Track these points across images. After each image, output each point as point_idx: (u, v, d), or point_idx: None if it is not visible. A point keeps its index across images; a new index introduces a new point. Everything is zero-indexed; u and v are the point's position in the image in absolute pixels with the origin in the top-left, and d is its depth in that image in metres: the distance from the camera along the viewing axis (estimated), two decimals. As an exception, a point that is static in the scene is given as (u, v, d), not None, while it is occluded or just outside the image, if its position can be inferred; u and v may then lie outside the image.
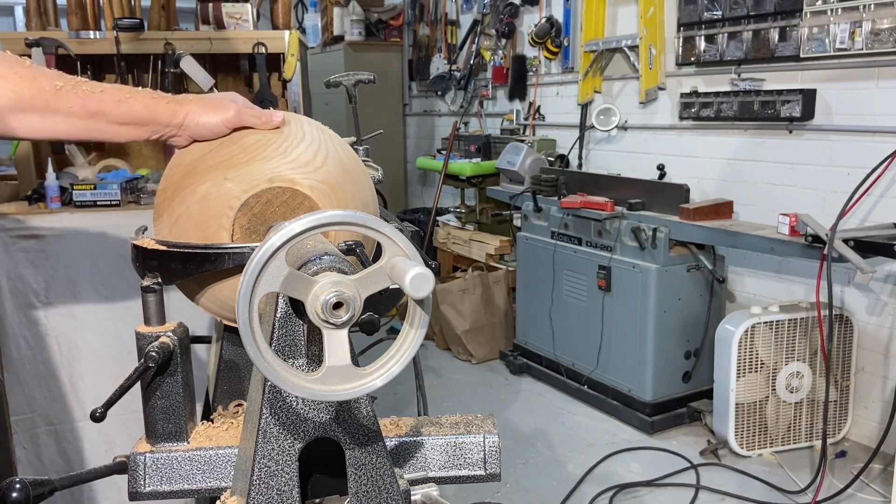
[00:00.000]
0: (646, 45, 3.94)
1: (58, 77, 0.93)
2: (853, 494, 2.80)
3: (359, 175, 0.98)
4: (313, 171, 0.92)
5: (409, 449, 0.90)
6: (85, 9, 2.62)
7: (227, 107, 0.95)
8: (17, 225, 2.23)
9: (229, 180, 0.90)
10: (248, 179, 0.90)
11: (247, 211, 0.90)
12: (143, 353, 0.83)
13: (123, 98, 0.94)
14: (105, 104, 0.93)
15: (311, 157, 0.92)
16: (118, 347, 2.29)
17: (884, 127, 3.03)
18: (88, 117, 0.93)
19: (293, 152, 0.92)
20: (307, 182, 0.91)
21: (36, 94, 0.91)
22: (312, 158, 0.92)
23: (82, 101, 0.92)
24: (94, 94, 0.93)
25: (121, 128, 0.95)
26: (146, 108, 0.95)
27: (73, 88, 0.93)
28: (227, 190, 0.90)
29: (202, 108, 0.95)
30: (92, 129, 0.94)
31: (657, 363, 3.44)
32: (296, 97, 2.82)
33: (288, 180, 0.90)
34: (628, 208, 3.60)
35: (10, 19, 7.39)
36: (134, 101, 0.95)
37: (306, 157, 0.92)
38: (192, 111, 0.95)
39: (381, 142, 5.35)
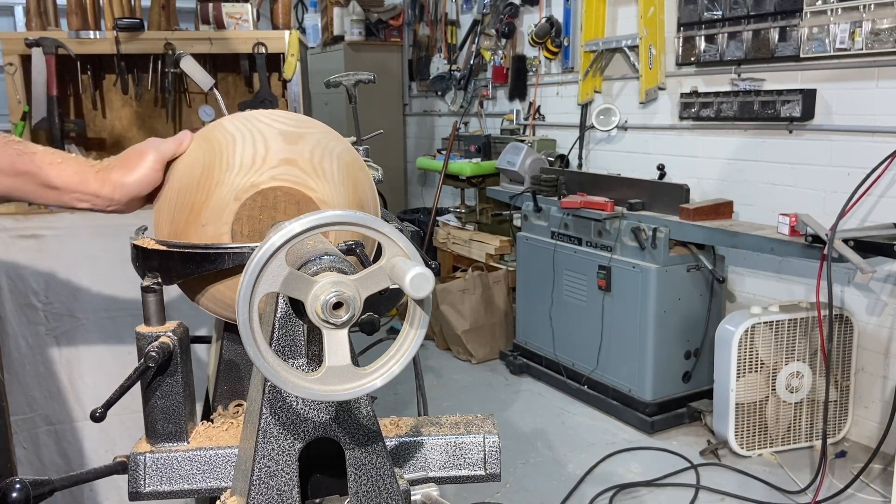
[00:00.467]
0: (646, 45, 3.94)
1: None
2: (853, 494, 2.80)
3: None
4: (262, 164, 0.91)
5: (409, 449, 0.90)
6: (85, 9, 2.62)
7: (144, 153, 0.93)
8: (17, 225, 2.23)
9: (206, 225, 0.90)
10: (219, 213, 0.89)
11: (240, 230, 0.90)
12: (143, 353, 0.83)
13: (55, 162, 0.93)
14: (37, 165, 0.92)
15: (252, 153, 0.91)
16: (118, 347, 2.29)
17: (884, 127, 3.03)
18: (15, 175, 0.91)
19: (235, 160, 0.91)
20: (265, 178, 0.90)
21: None
22: (254, 153, 0.91)
23: (12, 159, 0.91)
24: (26, 154, 0.92)
25: (48, 191, 0.93)
26: (77, 174, 0.93)
27: (5, 146, 0.92)
28: (212, 233, 0.90)
29: (125, 169, 0.94)
30: (18, 189, 0.93)
31: (657, 363, 3.44)
32: (296, 97, 2.82)
33: (249, 187, 0.89)
34: (628, 208, 3.60)
35: (10, 19, 7.39)
36: (65, 165, 0.93)
37: (247, 155, 0.91)
38: (117, 176, 0.93)
39: (381, 142, 5.35)
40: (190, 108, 2.96)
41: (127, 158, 0.95)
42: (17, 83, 2.56)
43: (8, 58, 2.55)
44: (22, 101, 2.60)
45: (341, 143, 0.98)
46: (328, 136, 0.97)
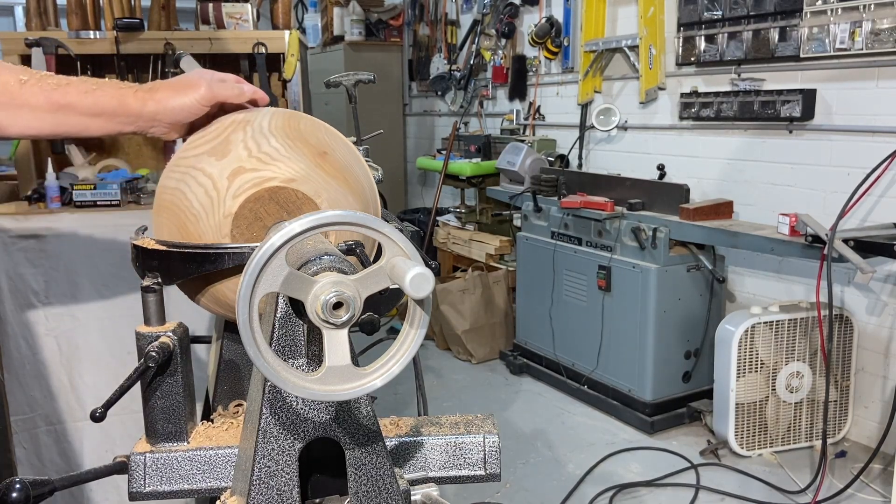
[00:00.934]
0: (646, 45, 3.94)
1: (22, 72, 0.91)
2: (853, 494, 2.80)
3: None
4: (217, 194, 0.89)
5: (409, 449, 0.90)
6: (85, 9, 2.62)
7: (197, 84, 0.92)
8: (17, 225, 2.23)
9: None
10: None
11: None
12: (143, 353, 0.83)
13: (90, 89, 0.91)
14: (72, 96, 0.90)
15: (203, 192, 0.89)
16: (118, 347, 2.29)
17: (884, 127, 3.03)
18: (56, 110, 0.90)
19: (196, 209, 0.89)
20: (230, 203, 0.88)
21: (1, 90, 0.89)
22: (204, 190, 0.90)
23: (48, 94, 0.90)
24: (61, 87, 0.91)
25: (91, 120, 0.92)
26: (114, 98, 0.92)
27: (39, 82, 0.90)
28: None
29: (172, 91, 0.92)
30: (61, 123, 0.92)
31: (657, 363, 3.44)
32: (296, 97, 2.82)
33: (223, 219, 0.88)
34: (628, 208, 3.60)
35: (10, 19, 7.40)
36: (101, 92, 0.92)
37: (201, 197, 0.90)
38: (163, 97, 0.92)
39: (381, 142, 5.36)
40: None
41: (177, 82, 0.94)
42: (17, 83, 2.56)
43: (8, 58, 2.55)
44: (22, 101, 2.59)
45: (264, 113, 0.95)
46: (248, 117, 0.94)
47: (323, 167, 0.91)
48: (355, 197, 0.93)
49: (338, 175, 0.92)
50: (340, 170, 0.93)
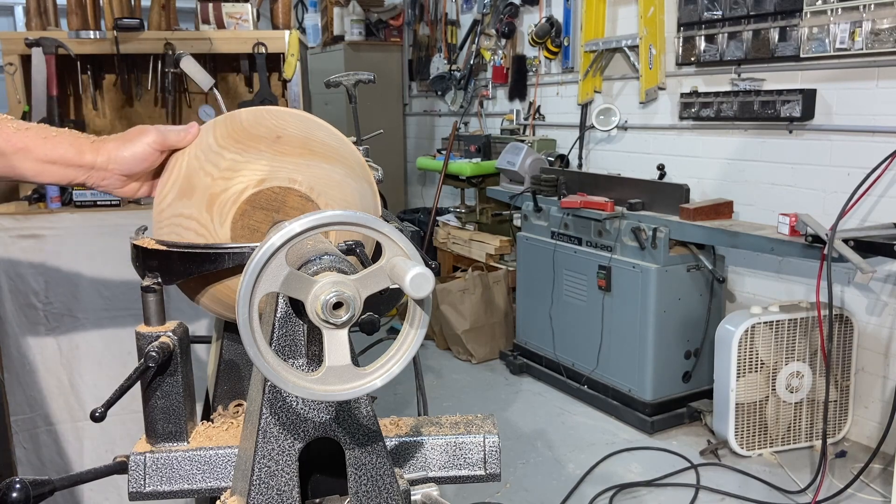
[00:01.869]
0: (646, 45, 3.94)
1: None
2: (853, 494, 2.80)
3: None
4: None
5: (409, 449, 0.90)
6: (85, 9, 2.62)
7: (146, 132, 0.93)
8: (17, 225, 2.23)
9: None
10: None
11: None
12: (143, 353, 0.83)
13: (49, 136, 0.92)
14: (31, 140, 0.91)
15: None
16: (118, 347, 2.29)
17: (884, 127, 3.03)
18: (13, 153, 0.91)
19: None
20: None
21: None
22: None
23: (7, 136, 0.91)
24: (21, 131, 0.91)
25: (44, 166, 0.92)
26: (72, 146, 0.92)
27: (0, 124, 0.91)
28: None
29: (122, 141, 0.93)
30: (15, 167, 0.92)
31: (657, 363, 3.44)
32: (296, 97, 2.82)
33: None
34: (628, 208, 3.60)
35: (10, 19, 7.40)
36: (60, 139, 0.92)
37: None
38: (113, 147, 0.93)
39: (381, 142, 5.36)
40: (190, 108, 2.96)
41: (127, 133, 0.94)
42: (17, 83, 2.56)
43: (8, 58, 2.55)
44: (22, 101, 2.60)
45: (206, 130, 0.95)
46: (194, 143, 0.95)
47: (284, 151, 0.91)
48: (330, 162, 0.93)
49: (302, 150, 0.92)
50: (303, 143, 0.92)
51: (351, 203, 0.93)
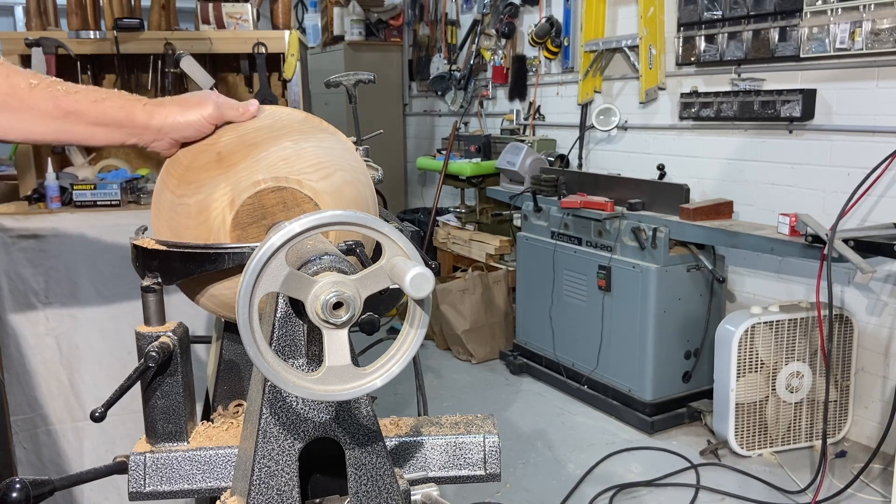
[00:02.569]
0: (646, 45, 3.94)
1: (32, 76, 0.90)
2: (853, 494, 2.80)
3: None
4: None
5: (409, 449, 0.90)
6: (85, 9, 2.62)
7: (205, 103, 0.93)
8: (17, 225, 2.23)
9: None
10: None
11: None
12: (143, 353, 0.83)
13: (100, 98, 0.92)
14: (80, 104, 0.90)
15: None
16: (118, 347, 2.29)
17: (884, 127, 3.03)
18: (63, 117, 0.90)
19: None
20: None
21: (10, 91, 0.88)
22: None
23: (57, 100, 0.90)
24: (70, 94, 0.91)
25: (96, 129, 0.92)
26: (122, 109, 0.92)
27: (49, 87, 0.90)
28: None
29: (180, 107, 0.93)
30: (66, 131, 0.91)
31: (657, 363, 3.44)
32: (296, 97, 2.82)
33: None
34: (628, 208, 3.60)
35: (10, 19, 7.39)
36: (110, 101, 0.92)
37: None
38: (170, 112, 0.92)
39: (381, 142, 5.36)
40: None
41: (185, 100, 0.94)
42: (17, 83, 2.56)
43: (8, 58, 2.55)
44: (22, 101, 2.59)
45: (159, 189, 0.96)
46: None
47: (232, 162, 0.91)
48: (275, 142, 0.92)
49: (245, 150, 0.91)
50: (242, 144, 0.92)
51: (322, 161, 0.92)
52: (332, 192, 0.91)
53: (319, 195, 0.90)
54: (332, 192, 0.91)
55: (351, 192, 0.94)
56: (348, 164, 0.95)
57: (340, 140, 0.98)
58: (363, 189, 0.97)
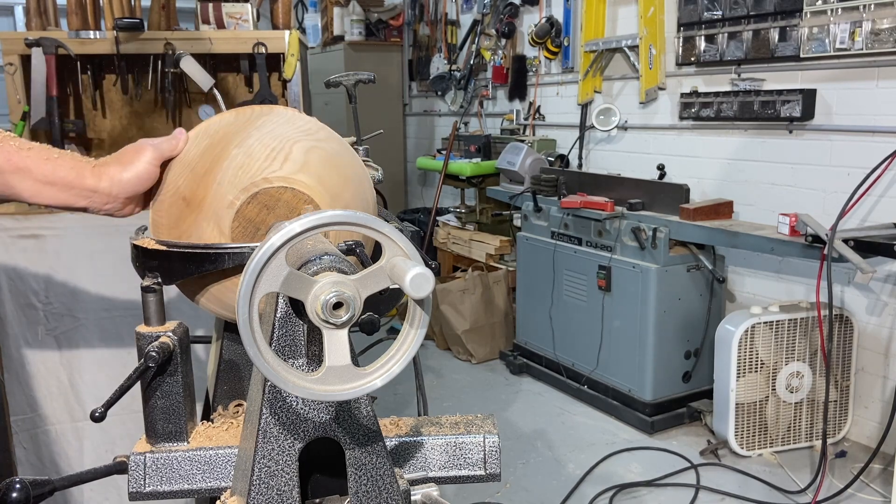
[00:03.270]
0: (646, 45, 3.94)
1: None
2: (853, 494, 2.80)
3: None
4: None
5: (409, 449, 0.90)
6: (85, 9, 2.62)
7: (142, 150, 0.92)
8: (17, 225, 2.23)
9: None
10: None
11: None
12: (143, 353, 0.83)
13: (51, 157, 0.91)
14: (31, 160, 0.90)
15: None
16: (118, 347, 2.29)
17: (884, 127, 3.03)
18: (12, 172, 0.90)
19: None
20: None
21: None
22: None
23: (8, 155, 0.90)
24: (23, 150, 0.90)
25: (44, 188, 0.91)
26: (73, 169, 0.91)
27: (2, 141, 0.90)
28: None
29: (123, 165, 0.92)
30: (14, 186, 0.91)
31: (657, 363, 3.44)
32: (296, 97, 2.82)
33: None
34: (628, 208, 3.60)
35: (10, 19, 7.40)
36: (62, 161, 0.91)
37: None
38: (115, 172, 0.91)
39: (381, 142, 5.36)
40: (190, 108, 2.96)
41: (123, 154, 0.93)
42: (17, 83, 2.56)
43: (8, 58, 2.55)
44: (22, 101, 2.60)
45: None
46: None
47: (202, 201, 0.90)
48: (226, 158, 0.90)
49: (204, 182, 0.91)
50: (198, 180, 0.91)
51: (274, 147, 0.91)
52: (301, 169, 0.90)
53: (291, 179, 0.89)
54: (301, 169, 0.90)
55: (316, 156, 0.92)
56: (299, 132, 0.93)
57: (280, 114, 0.95)
58: (328, 145, 0.95)
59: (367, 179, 1.01)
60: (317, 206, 0.91)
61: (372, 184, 1.03)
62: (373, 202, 1.01)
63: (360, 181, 0.98)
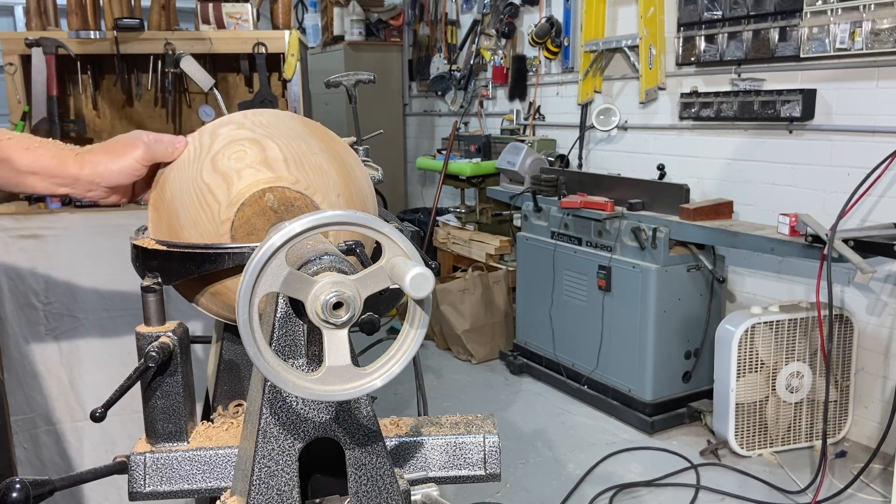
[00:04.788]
0: (646, 45, 3.94)
1: None
2: (853, 494, 2.80)
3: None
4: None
5: (409, 449, 0.90)
6: (85, 9, 2.62)
7: (133, 145, 0.91)
8: (17, 225, 2.23)
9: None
10: None
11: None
12: (143, 353, 0.83)
13: (32, 146, 0.91)
14: (12, 150, 0.90)
15: None
16: (118, 347, 2.29)
17: (884, 127, 3.03)
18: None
19: None
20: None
21: None
22: None
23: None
24: (2, 141, 0.90)
25: (26, 177, 0.91)
26: (54, 158, 0.91)
27: None
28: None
29: (110, 155, 0.91)
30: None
31: (657, 363, 3.44)
32: (296, 97, 2.82)
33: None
34: (628, 208, 3.60)
35: (10, 19, 7.39)
36: (42, 150, 0.91)
37: None
38: (100, 160, 0.91)
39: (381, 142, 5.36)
40: (190, 108, 2.96)
41: (113, 145, 0.93)
42: (17, 83, 2.56)
43: (8, 58, 2.55)
44: (22, 101, 2.60)
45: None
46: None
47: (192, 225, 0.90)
48: None
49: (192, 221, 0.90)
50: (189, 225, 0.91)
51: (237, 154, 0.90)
52: (262, 159, 0.88)
53: (258, 182, 0.88)
54: (262, 159, 0.88)
55: (275, 149, 0.90)
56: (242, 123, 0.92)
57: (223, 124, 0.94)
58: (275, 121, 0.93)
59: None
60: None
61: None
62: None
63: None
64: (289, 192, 0.89)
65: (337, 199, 0.92)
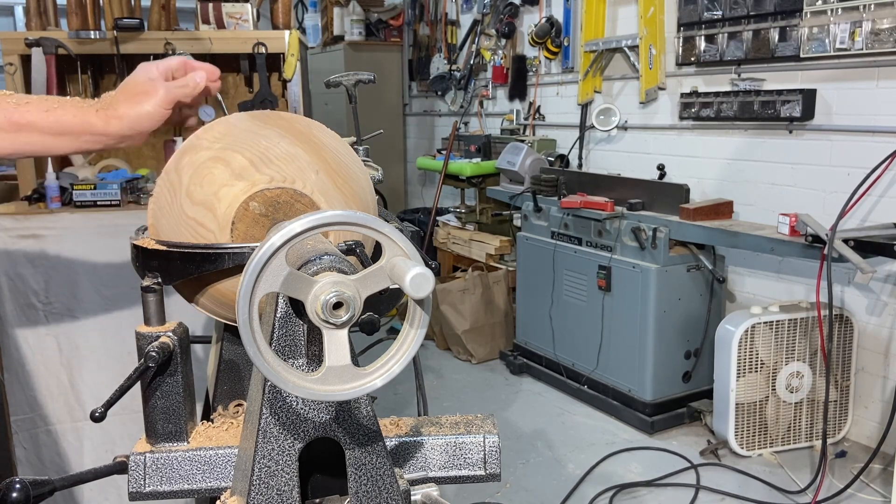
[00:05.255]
0: (646, 45, 3.94)
1: None
2: (853, 494, 2.80)
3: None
4: None
5: (409, 449, 0.90)
6: (85, 9, 2.62)
7: (153, 91, 0.91)
8: (17, 225, 2.23)
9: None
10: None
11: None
12: (143, 353, 0.83)
13: (51, 108, 0.90)
14: (32, 115, 0.89)
15: None
16: (118, 347, 2.29)
17: (884, 127, 3.03)
18: (17, 130, 0.89)
19: None
20: None
21: None
22: None
23: (8, 114, 0.89)
24: (21, 106, 0.89)
25: (54, 139, 0.91)
26: (76, 117, 0.91)
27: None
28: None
29: (131, 104, 0.91)
30: (23, 143, 0.90)
31: (657, 363, 3.44)
32: (296, 97, 2.82)
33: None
34: (628, 208, 3.60)
35: (10, 19, 7.40)
36: (62, 110, 0.91)
37: None
38: (124, 114, 0.91)
39: (381, 142, 5.36)
40: (190, 108, 2.95)
41: (133, 92, 0.92)
42: (17, 83, 2.56)
43: (8, 58, 2.55)
44: (22, 101, 2.59)
45: None
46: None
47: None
48: None
49: None
50: None
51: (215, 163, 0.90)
52: (231, 173, 0.88)
53: (236, 196, 0.88)
54: (231, 173, 0.88)
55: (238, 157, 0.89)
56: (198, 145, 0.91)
57: (183, 154, 0.93)
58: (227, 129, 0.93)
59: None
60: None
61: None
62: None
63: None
64: (268, 191, 0.89)
65: (317, 177, 0.91)
